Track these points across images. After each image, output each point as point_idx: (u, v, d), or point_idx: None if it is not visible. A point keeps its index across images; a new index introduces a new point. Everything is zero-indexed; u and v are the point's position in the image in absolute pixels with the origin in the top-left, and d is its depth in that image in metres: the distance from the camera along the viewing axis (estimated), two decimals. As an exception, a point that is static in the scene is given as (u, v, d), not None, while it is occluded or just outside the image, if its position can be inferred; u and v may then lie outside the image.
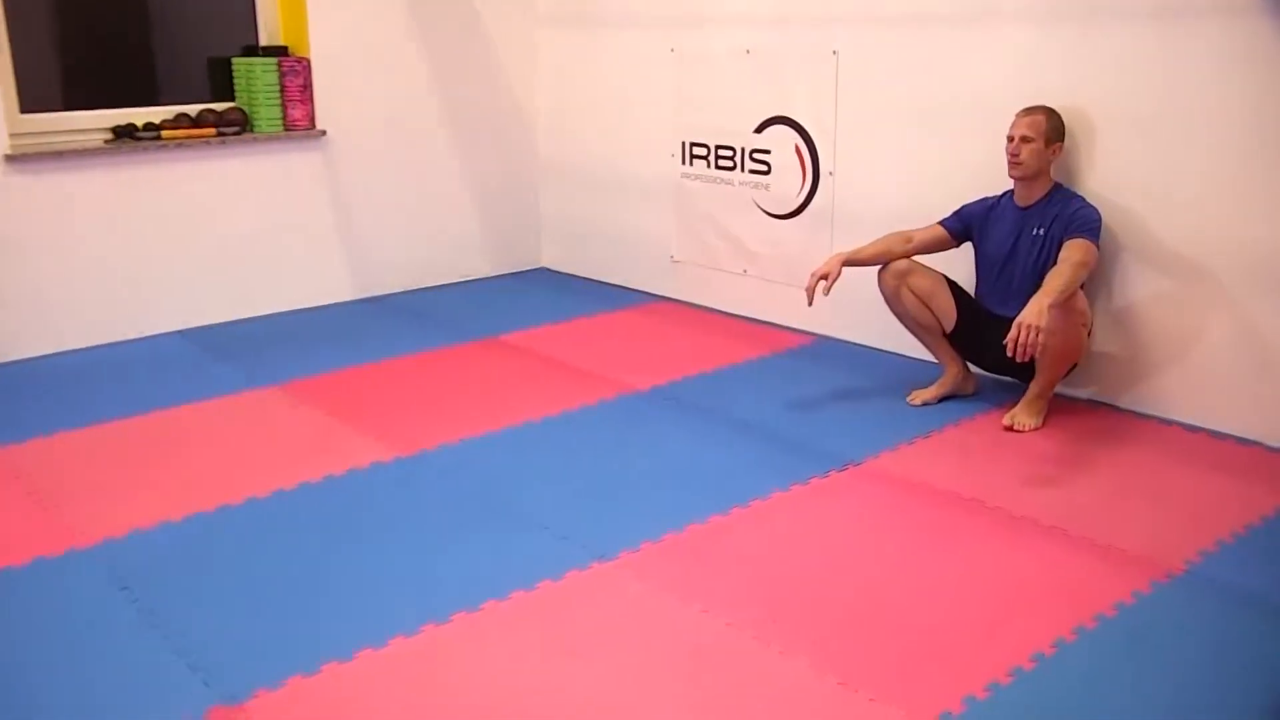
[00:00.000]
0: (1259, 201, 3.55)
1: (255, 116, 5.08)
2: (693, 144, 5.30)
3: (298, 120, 5.16)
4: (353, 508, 3.21)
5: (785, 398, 4.11)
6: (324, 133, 5.26)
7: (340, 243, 5.45)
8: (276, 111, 5.08)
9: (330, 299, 5.44)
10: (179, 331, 4.94)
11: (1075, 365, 3.86)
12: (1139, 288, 3.87)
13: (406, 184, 5.62)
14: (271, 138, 5.08)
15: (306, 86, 5.16)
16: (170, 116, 4.92)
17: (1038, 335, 3.29)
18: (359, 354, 4.62)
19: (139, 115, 4.89)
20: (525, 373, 4.41)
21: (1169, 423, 3.85)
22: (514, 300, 5.57)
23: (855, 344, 4.77)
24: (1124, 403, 3.98)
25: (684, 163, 5.36)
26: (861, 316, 4.67)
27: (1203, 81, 3.61)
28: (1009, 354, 3.33)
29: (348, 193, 5.42)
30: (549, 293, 5.73)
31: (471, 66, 5.74)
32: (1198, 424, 3.81)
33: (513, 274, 6.09)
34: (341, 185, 5.39)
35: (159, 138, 4.83)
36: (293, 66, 5.10)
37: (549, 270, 6.21)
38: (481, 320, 5.14)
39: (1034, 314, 3.32)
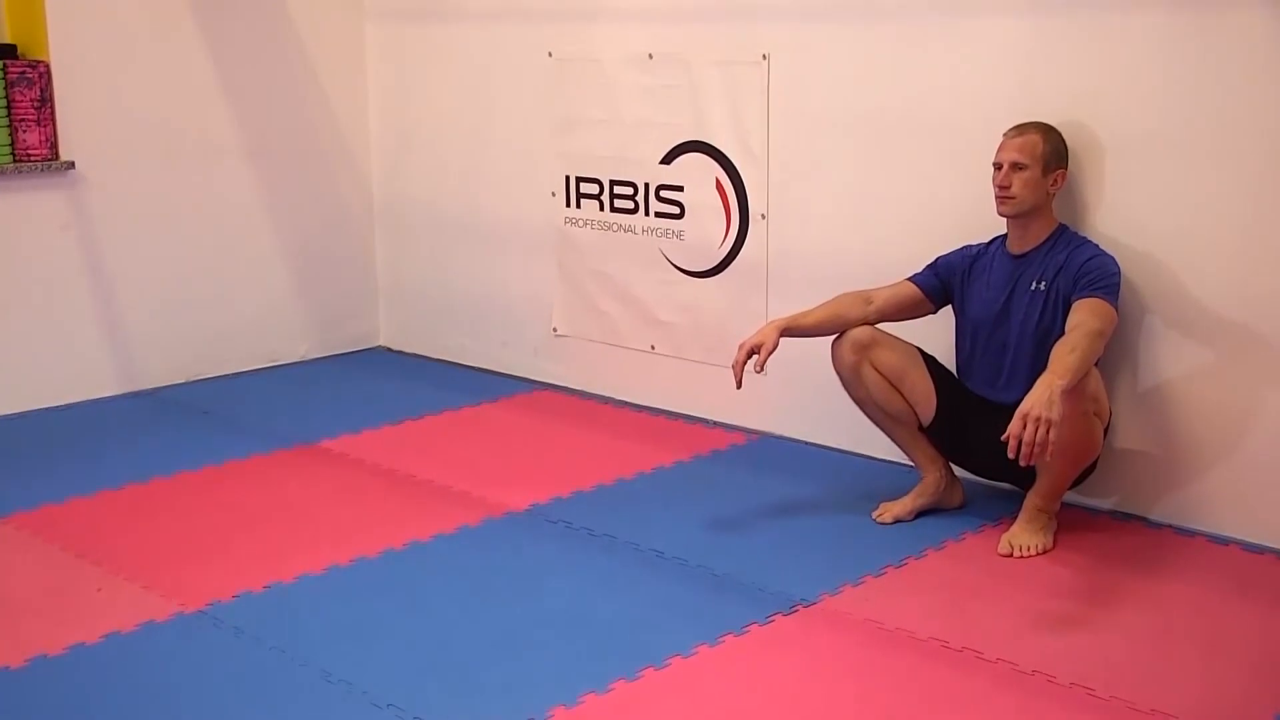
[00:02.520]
0: (1320, 246, 3.61)
1: (-27, 143, 5.04)
2: (579, 179, 5.30)
3: (33, 148, 5.09)
4: (111, 689, 3.09)
5: (711, 517, 4.08)
6: (71, 165, 5.20)
7: (96, 316, 5.37)
8: (2, 135, 5.03)
9: (81, 394, 5.35)
10: None
11: (1092, 467, 3.87)
12: (1171, 362, 3.89)
13: (190, 236, 5.57)
14: (-3, 172, 5.05)
15: (45, 101, 5.10)
16: None
17: (1049, 430, 3.27)
18: (122, 471, 4.54)
19: None
20: (357, 491, 4.37)
21: (1221, 540, 3.86)
22: (341, 392, 5.56)
23: (802, 443, 4.77)
24: (1158, 515, 3.99)
25: (568, 204, 5.35)
26: (810, 405, 4.66)
27: (1246, 87, 3.66)
28: (1010, 455, 3.30)
29: (106, 248, 5.35)
30: (389, 381, 5.73)
31: (278, 76, 5.75)
32: (1261, 542, 3.82)
33: (339, 356, 6.09)
34: (97, 237, 5.32)
35: None
36: (24, 73, 5.04)
37: (388, 351, 6.21)
38: (296, 420, 5.10)
39: (1043, 401, 3.30)
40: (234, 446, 4.78)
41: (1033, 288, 3.84)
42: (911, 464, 4.14)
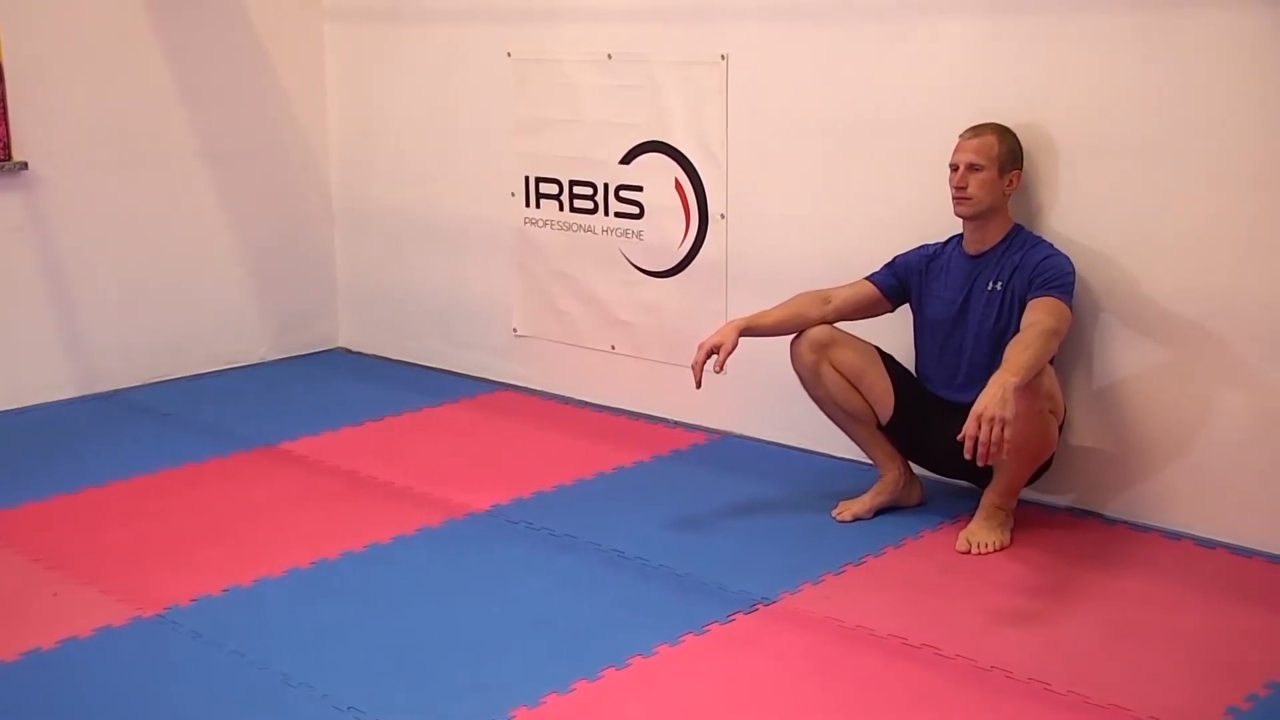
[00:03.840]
0: (1275, 242, 3.64)
1: (-75, 145, 5.00)
2: (539, 179, 5.29)
3: (-13, 149, 5.07)
4: (67, 695, 3.07)
5: (672, 517, 4.08)
6: (24, 165, 5.16)
7: (52, 318, 5.32)
8: (-43, 138, 5.00)
9: (37, 397, 5.30)
10: None
11: (1048, 464, 3.89)
12: (1125, 360, 3.92)
13: (147, 237, 5.53)
14: (-50, 174, 5.00)
15: (-1, 101, 5.07)
16: None
17: (1004, 429, 3.29)
18: (78, 474, 4.51)
19: None
20: (317, 493, 4.34)
21: (1175, 536, 3.89)
22: (301, 394, 5.53)
23: (762, 442, 4.77)
24: (1114, 511, 4.02)
25: (528, 204, 5.34)
26: (770, 405, 4.67)
27: (1202, 89, 3.70)
28: (966, 455, 3.33)
29: (62, 249, 5.31)
30: (349, 383, 5.71)
31: (236, 76, 5.72)
32: (1214, 537, 3.85)
33: (299, 358, 6.05)
34: (53, 239, 5.28)
35: None
36: (-23, 73, 5.01)
37: (348, 352, 6.18)
38: (255, 422, 5.07)
39: (996, 400, 3.33)
40: (192, 449, 4.74)
41: (989, 288, 3.87)
42: (871, 462, 4.15)
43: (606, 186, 5.09)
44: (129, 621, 3.39)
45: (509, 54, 5.28)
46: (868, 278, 4.08)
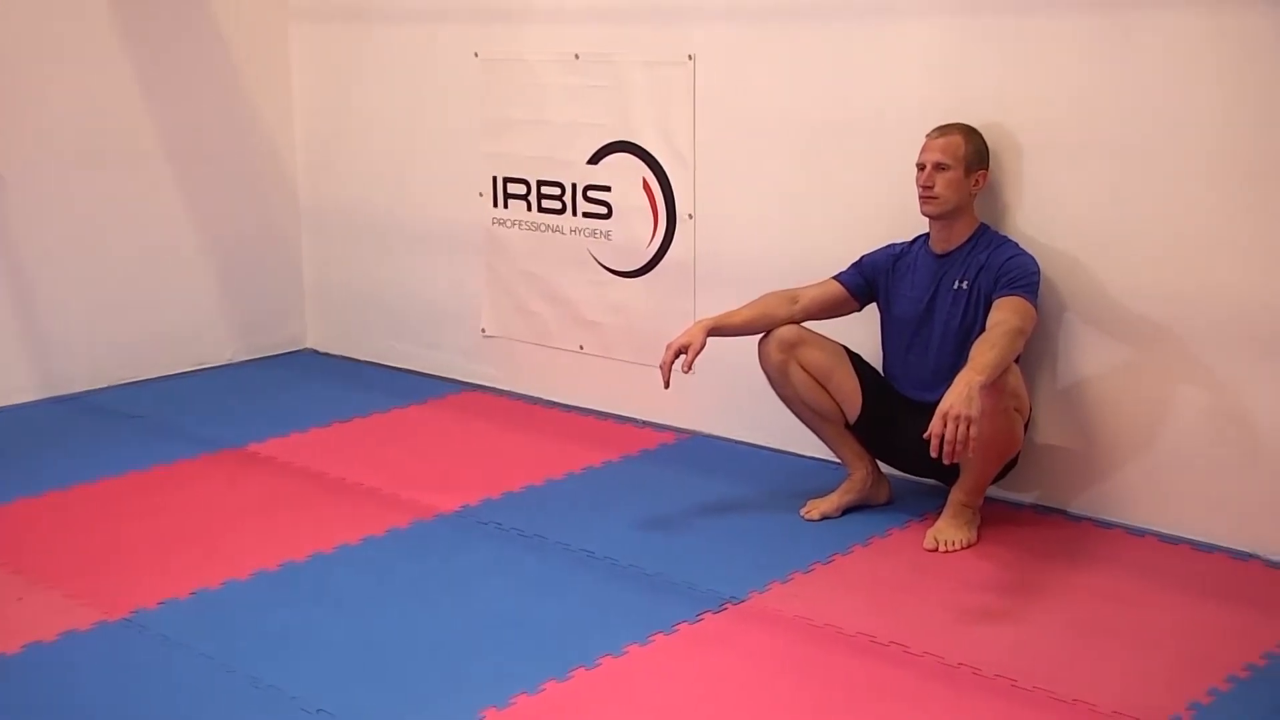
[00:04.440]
0: (1234, 242, 3.68)
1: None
2: (507, 179, 5.29)
3: (-53, 152, 5.03)
4: (32, 701, 3.04)
5: (641, 517, 4.08)
6: None
7: (16, 320, 5.29)
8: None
9: (1, 400, 5.27)
10: None
11: (1014, 462, 3.92)
12: (1089, 358, 3.95)
13: (112, 239, 5.51)
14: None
15: (-36, 105, 5.04)
16: None
17: (969, 427, 3.31)
18: (43, 478, 4.48)
19: None
20: (285, 495, 4.33)
21: (1138, 532, 3.92)
22: (268, 396, 5.51)
23: (731, 441, 4.78)
24: (1078, 508, 4.05)
25: (496, 204, 5.34)
26: (738, 404, 4.68)
27: (1160, 90, 3.73)
28: (932, 453, 3.35)
29: (26, 252, 5.28)
30: (317, 384, 5.69)
31: (201, 78, 5.69)
32: (1176, 533, 3.88)
33: (266, 359, 6.03)
34: (17, 241, 5.25)
35: None
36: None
37: (316, 354, 6.16)
38: (223, 424, 5.05)
39: (962, 399, 3.35)
40: (159, 451, 4.71)
41: (955, 287, 3.89)
42: (838, 461, 4.17)
43: (574, 187, 5.09)
44: (94, 626, 3.37)
45: (476, 54, 5.28)
46: (835, 277, 4.09)
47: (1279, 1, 3.50)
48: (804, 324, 4.04)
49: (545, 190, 5.18)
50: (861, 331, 4.17)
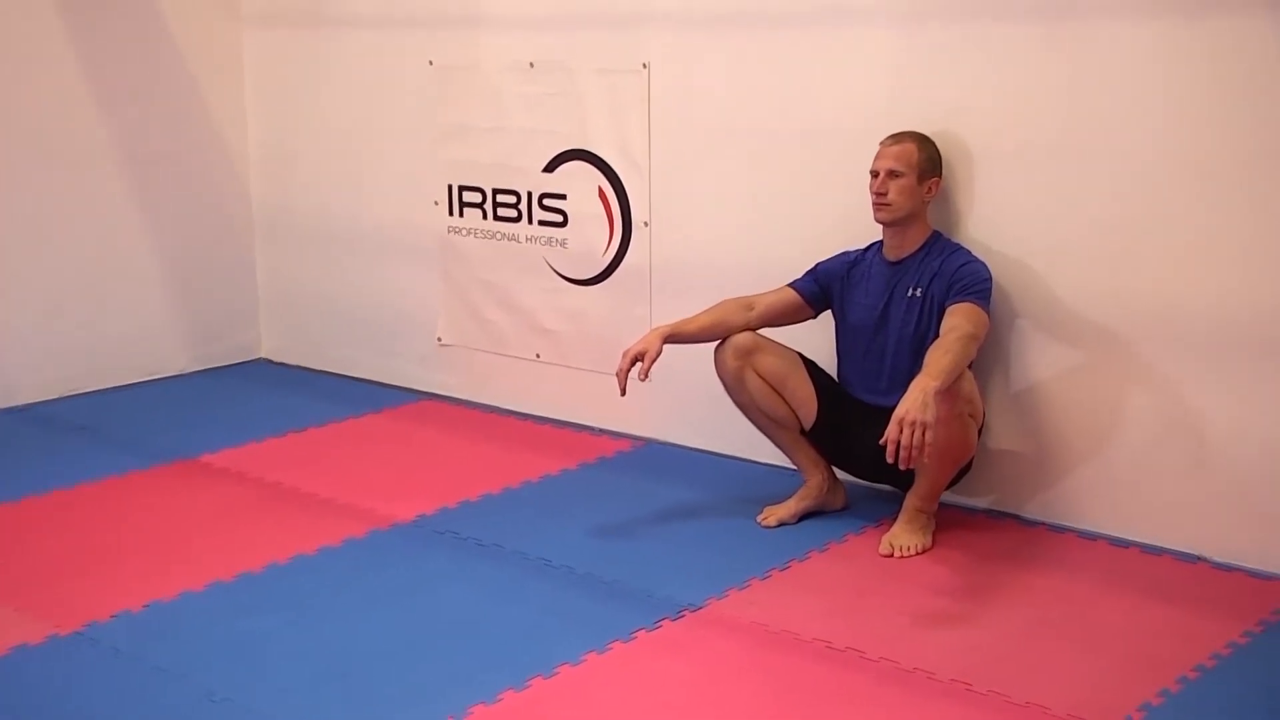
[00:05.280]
0: (1183, 249, 3.73)
1: None
2: (462, 188, 5.29)
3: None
4: None
5: (597, 524, 4.09)
6: None
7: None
8: None
9: (-56, 411, 5.25)
10: None
11: (968, 467, 3.95)
12: (1040, 363, 4.00)
13: (60, 247, 5.48)
14: None
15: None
16: None
17: (925, 433, 3.34)
18: None
19: None
20: (239, 506, 4.31)
21: (1090, 536, 3.96)
22: (222, 405, 5.49)
23: (687, 448, 4.80)
24: (1031, 512, 4.09)
25: (451, 213, 5.34)
26: (695, 411, 4.69)
27: (1106, 97, 3.78)
28: (889, 459, 3.37)
29: (-29, 259, 5.26)
30: (271, 394, 5.66)
31: (153, 83, 5.67)
32: (1126, 537, 3.92)
33: (220, 369, 6.00)
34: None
35: None
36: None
37: (270, 363, 6.13)
38: (176, 435, 5.02)
39: (917, 405, 3.38)
40: (111, 463, 4.68)
41: (909, 294, 3.92)
42: (794, 468, 4.18)
43: (530, 194, 5.09)
44: (46, 639, 3.34)
45: (431, 61, 5.27)
46: (790, 284, 4.12)
47: (1218, 9, 3.56)
48: (759, 331, 4.05)
49: (501, 198, 5.18)
50: (817, 338, 4.19)
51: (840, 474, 4.17)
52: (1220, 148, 3.62)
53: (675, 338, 3.97)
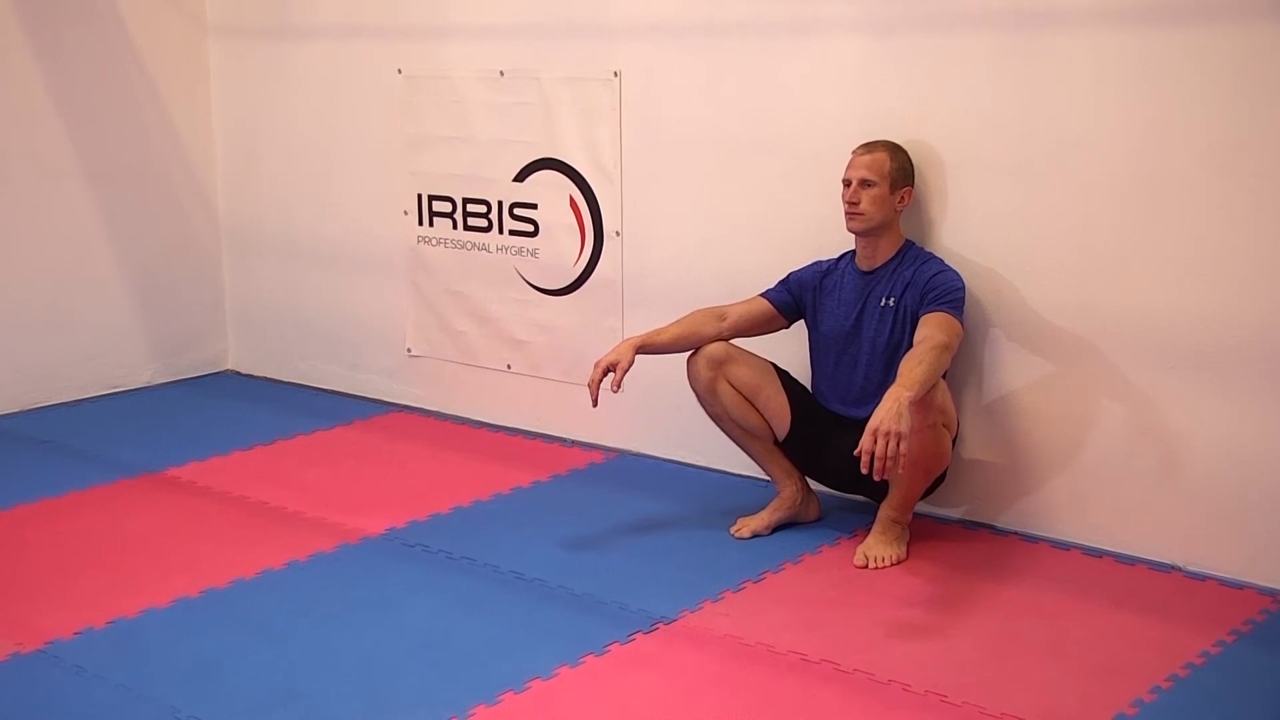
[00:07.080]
0: (1152, 260, 3.75)
1: None
2: (432, 197, 5.29)
3: None
4: None
5: (569, 537, 4.09)
6: None
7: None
8: None
9: (-88, 426, 5.22)
10: None
11: (942, 477, 3.97)
12: (1014, 374, 4.02)
13: (24, 260, 5.47)
14: None
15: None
16: None
17: (899, 443, 3.35)
18: None
19: None
20: (205, 520, 4.30)
21: (1064, 546, 3.98)
22: (188, 418, 5.47)
23: (660, 459, 4.81)
24: (1005, 523, 4.11)
25: (420, 222, 5.34)
26: (667, 422, 4.70)
27: (1075, 107, 3.81)
28: (863, 469, 3.38)
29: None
30: (238, 406, 5.66)
31: (117, 94, 5.66)
32: (1099, 546, 3.95)
33: (186, 381, 5.99)
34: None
35: None
36: None
37: (237, 375, 6.13)
38: (141, 448, 5.01)
39: (892, 415, 3.38)
40: (74, 477, 4.67)
41: (882, 303, 3.93)
42: (768, 479, 4.19)
43: (500, 204, 5.09)
44: (8, 657, 3.32)
45: (399, 70, 5.28)
46: (762, 294, 4.13)
47: (1190, 21, 3.59)
48: (732, 341, 4.06)
49: (471, 208, 5.18)
50: (790, 348, 4.20)
51: (814, 485, 4.18)
52: (1191, 159, 3.65)
53: (647, 348, 3.98)
